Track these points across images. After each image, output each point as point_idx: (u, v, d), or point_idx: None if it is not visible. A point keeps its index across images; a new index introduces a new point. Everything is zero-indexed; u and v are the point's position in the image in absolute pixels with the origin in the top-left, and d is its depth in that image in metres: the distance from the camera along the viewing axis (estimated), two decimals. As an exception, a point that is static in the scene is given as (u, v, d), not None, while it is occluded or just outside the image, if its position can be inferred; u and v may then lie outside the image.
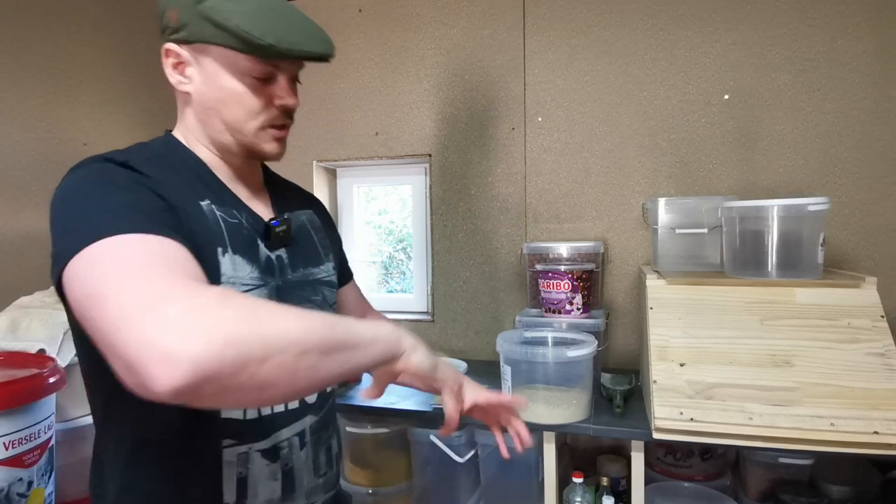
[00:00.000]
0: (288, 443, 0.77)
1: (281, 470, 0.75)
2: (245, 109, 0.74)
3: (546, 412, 1.31)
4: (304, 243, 0.86)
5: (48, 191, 1.68)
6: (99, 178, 0.63)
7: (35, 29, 1.55)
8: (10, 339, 1.24)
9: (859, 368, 1.11)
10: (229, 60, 0.71)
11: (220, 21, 0.67)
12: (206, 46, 0.71)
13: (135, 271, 0.49)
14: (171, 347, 0.42)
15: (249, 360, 0.45)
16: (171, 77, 0.75)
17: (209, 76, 0.72)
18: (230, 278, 0.70)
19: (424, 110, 2.02)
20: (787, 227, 1.28)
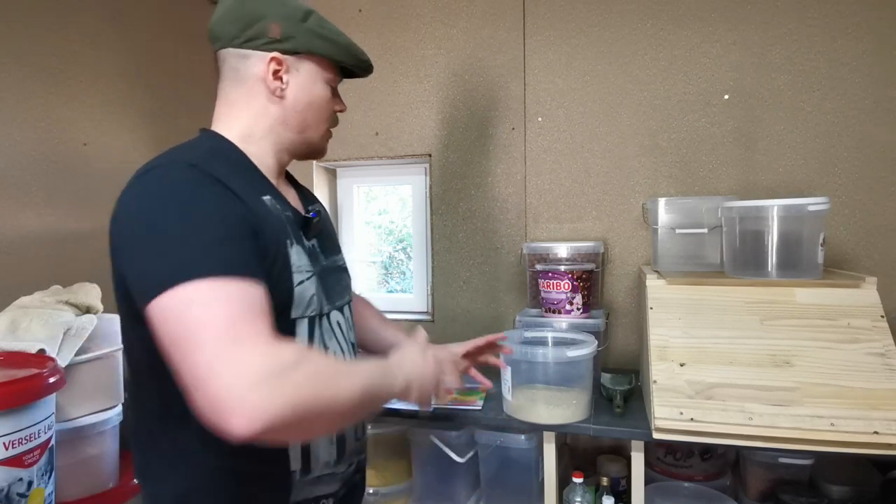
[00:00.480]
0: None
1: (336, 436, 0.85)
2: (325, 113, 0.88)
3: (546, 412, 1.31)
4: (327, 234, 0.94)
5: (48, 191, 1.67)
6: (193, 195, 0.67)
7: (35, 29, 1.55)
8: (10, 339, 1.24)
9: (859, 368, 1.11)
10: (322, 70, 0.86)
11: (329, 35, 0.84)
12: (308, 56, 0.84)
13: (226, 324, 0.58)
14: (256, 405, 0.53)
15: (307, 420, 0.58)
16: (269, 82, 0.82)
17: (305, 82, 0.84)
18: (298, 267, 0.78)
19: (424, 110, 2.02)
20: (787, 227, 1.28)
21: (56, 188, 1.60)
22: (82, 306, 1.39)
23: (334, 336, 0.85)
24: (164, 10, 1.98)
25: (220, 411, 0.54)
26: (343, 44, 0.86)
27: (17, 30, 1.51)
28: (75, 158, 1.66)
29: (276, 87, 0.82)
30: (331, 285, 0.87)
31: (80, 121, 1.67)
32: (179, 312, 0.59)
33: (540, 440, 1.39)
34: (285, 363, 0.58)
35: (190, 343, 0.57)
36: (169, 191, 0.68)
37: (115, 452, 1.44)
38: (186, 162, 0.71)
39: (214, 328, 0.57)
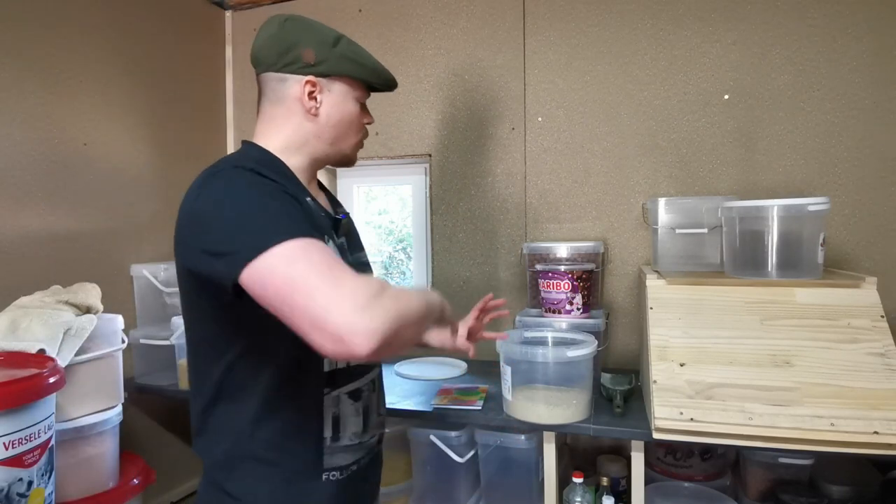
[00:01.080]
0: (367, 387, 0.97)
1: (362, 408, 0.95)
2: (355, 127, 0.98)
3: (546, 412, 1.31)
4: (352, 234, 1.06)
5: (48, 191, 1.67)
6: (252, 186, 0.78)
7: (35, 29, 1.55)
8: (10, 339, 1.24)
9: (859, 368, 1.11)
10: (352, 89, 0.95)
11: (357, 59, 0.94)
12: (340, 78, 0.94)
13: (323, 267, 0.68)
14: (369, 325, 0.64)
15: (402, 328, 0.68)
16: (305, 102, 0.92)
17: (337, 101, 0.94)
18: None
19: (424, 110, 2.02)
20: (787, 227, 1.28)
21: (56, 188, 1.60)
22: (82, 306, 1.39)
23: None
24: (165, 10, 1.98)
25: (345, 341, 0.64)
26: (370, 66, 0.96)
27: (17, 30, 1.51)
28: (75, 158, 1.66)
29: (311, 106, 0.92)
30: None
31: (80, 121, 1.68)
32: (282, 269, 0.68)
33: (540, 440, 1.39)
34: (376, 290, 0.68)
35: (301, 292, 0.66)
36: (242, 184, 0.79)
37: (115, 452, 1.44)
38: (245, 167, 0.81)
39: (318, 275, 0.67)
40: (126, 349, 1.49)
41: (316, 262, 0.68)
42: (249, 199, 0.76)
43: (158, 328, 1.76)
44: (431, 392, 1.57)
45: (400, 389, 1.62)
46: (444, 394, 1.53)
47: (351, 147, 1.01)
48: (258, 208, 0.75)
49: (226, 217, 0.75)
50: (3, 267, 1.46)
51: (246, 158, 0.87)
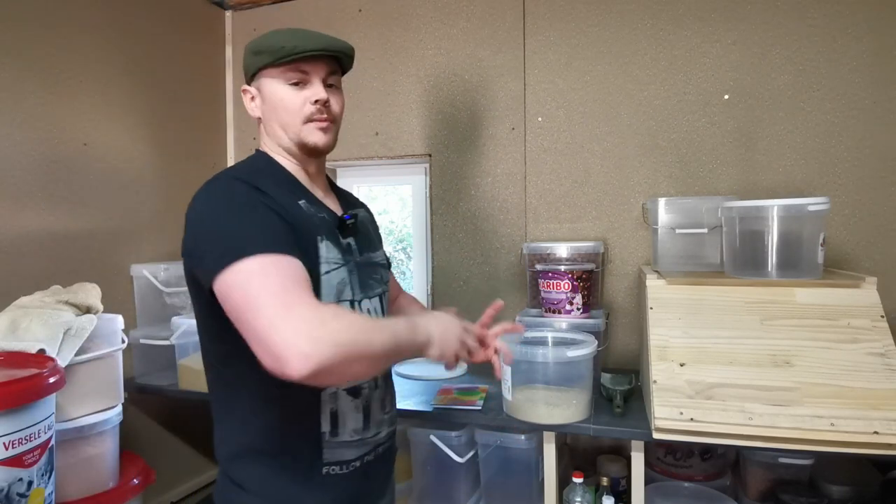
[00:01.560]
0: (368, 384, 0.98)
1: (362, 405, 0.96)
2: (289, 110, 0.94)
3: (546, 412, 1.31)
4: (365, 233, 1.07)
5: (48, 191, 1.67)
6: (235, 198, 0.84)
7: (35, 29, 1.55)
8: (10, 339, 1.24)
9: (859, 368, 1.11)
10: (272, 77, 0.95)
11: (256, 49, 0.95)
12: (259, 76, 0.96)
13: (277, 288, 0.72)
14: (306, 350, 0.67)
15: (347, 363, 0.71)
16: (248, 109, 1.00)
17: (264, 95, 0.96)
18: (325, 259, 0.91)
19: (424, 110, 2.02)
20: (787, 227, 1.28)
21: (56, 188, 1.60)
22: (82, 306, 1.39)
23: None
24: (165, 10, 1.98)
25: (280, 361, 0.67)
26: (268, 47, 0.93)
27: (17, 30, 1.51)
28: (75, 158, 1.66)
29: (251, 109, 1.00)
30: (364, 277, 1.00)
31: (80, 121, 1.67)
32: (240, 284, 0.73)
33: (540, 440, 1.39)
34: (326, 318, 0.70)
35: (252, 308, 0.71)
36: (224, 195, 0.85)
37: (115, 452, 1.44)
38: (234, 177, 0.88)
39: (270, 295, 0.71)
40: (126, 349, 1.49)
41: (272, 281, 0.72)
42: (227, 210, 0.82)
43: (158, 328, 1.76)
44: (431, 392, 1.57)
45: (400, 389, 1.62)
46: (444, 394, 1.53)
47: (298, 127, 0.95)
48: (231, 221, 0.80)
49: (205, 227, 0.82)
50: (3, 267, 1.46)
51: (244, 167, 0.96)
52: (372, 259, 1.06)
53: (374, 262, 1.06)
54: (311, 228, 0.91)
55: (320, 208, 0.97)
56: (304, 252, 0.84)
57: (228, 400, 0.93)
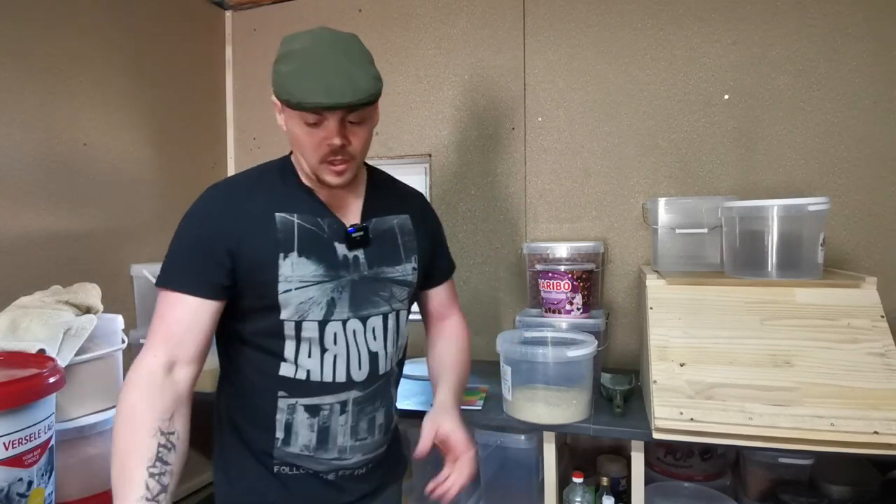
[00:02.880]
0: (329, 407, 0.95)
1: (318, 425, 0.95)
2: (304, 148, 0.89)
3: (546, 412, 1.31)
4: (385, 245, 1.00)
5: (48, 191, 1.67)
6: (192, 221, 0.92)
7: (35, 29, 1.55)
8: (10, 339, 1.24)
9: (859, 368, 1.11)
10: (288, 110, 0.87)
11: (274, 80, 0.86)
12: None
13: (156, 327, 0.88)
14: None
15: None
16: (278, 119, 0.94)
17: (286, 121, 0.91)
18: (286, 277, 0.90)
19: (424, 110, 2.02)
20: (787, 227, 1.28)
21: (56, 188, 1.60)
22: (82, 306, 1.39)
23: (345, 341, 0.95)
24: (165, 10, 1.98)
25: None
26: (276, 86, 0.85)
27: (18, 30, 1.51)
28: (75, 158, 1.66)
29: (280, 123, 0.93)
30: (364, 293, 0.96)
31: (80, 121, 1.67)
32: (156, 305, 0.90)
33: (540, 440, 1.39)
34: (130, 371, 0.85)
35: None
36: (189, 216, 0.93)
37: (115, 452, 1.43)
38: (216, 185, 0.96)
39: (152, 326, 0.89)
40: (126, 349, 1.49)
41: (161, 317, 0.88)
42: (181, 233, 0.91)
43: (158, 328, 1.75)
44: (431, 392, 1.56)
45: (400, 389, 1.61)
46: (444, 394, 1.53)
47: (314, 166, 0.90)
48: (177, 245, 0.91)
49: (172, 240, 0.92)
50: (3, 267, 1.46)
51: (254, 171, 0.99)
52: (384, 274, 0.98)
53: (385, 278, 0.98)
54: (271, 247, 0.90)
55: (320, 219, 0.94)
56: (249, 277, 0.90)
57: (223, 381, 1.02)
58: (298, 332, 0.92)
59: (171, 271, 0.89)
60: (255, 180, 0.96)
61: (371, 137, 0.95)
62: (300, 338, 0.92)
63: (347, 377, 0.95)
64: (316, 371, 0.93)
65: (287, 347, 0.92)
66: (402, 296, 1.02)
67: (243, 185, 0.96)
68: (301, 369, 0.93)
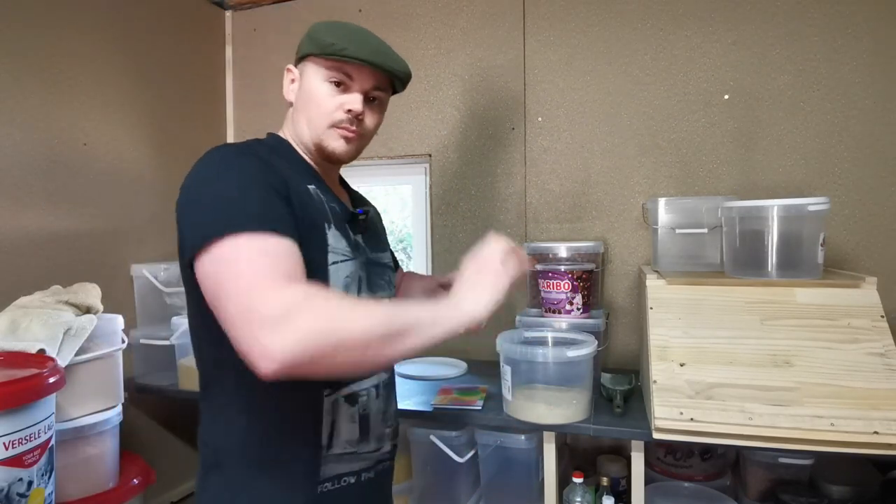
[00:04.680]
0: (367, 392, 0.92)
1: (358, 414, 0.89)
2: (321, 108, 0.89)
3: (546, 412, 1.31)
4: (374, 233, 1.04)
5: (48, 191, 1.67)
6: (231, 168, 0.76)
7: (35, 29, 1.55)
8: (10, 339, 1.24)
9: (859, 368, 1.11)
10: (316, 68, 0.90)
11: (312, 34, 0.90)
12: (306, 61, 0.91)
13: (247, 275, 0.65)
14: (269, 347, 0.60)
15: (324, 355, 0.62)
16: (285, 90, 0.95)
17: (304, 82, 0.91)
18: (333, 248, 0.85)
19: (424, 110, 2.02)
20: (787, 227, 1.28)
21: (56, 188, 1.60)
22: (82, 306, 1.39)
23: None
24: (165, 10, 1.98)
25: (249, 357, 0.62)
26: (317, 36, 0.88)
27: (18, 30, 1.51)
28: (75, 158, 1.66)
29: (287, 91, 0.95)
30: (373, 277, 0.95)
31: (80, 121, 1.67)
32: (215, 269, 0.67)
33: (540, 440, 1.39)
34: (295, 300, 0.63)
35: (221, 297, 0.66)
36: (218, 160, 0.78)
37: (115, 452, 1.43)
38: (243, 148, 0.83)
39: (237, 283, 0.65)
40: (126, 349, 1.49)
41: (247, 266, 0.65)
42: (215, 175, 0.75)
43: (158, 328, 1.76)
44: (431, 392, 1.57)
45: (400, 389, 1.61)
46: (444, 394, 1.53)
47: (322, 129, 0.89)
48: (223, 186, 0.73)
49: (192, 196, 0.75)
50: (3, 267, 1.46)
51: (253, 142, 0.89)
52: (381, 259, 1.01)
53: (382, 263, 1.01)
54: (317, 215, 0.84)
55: (331, 198, 0.91)
56: (306, 239, 0.77)
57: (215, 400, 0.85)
58: None
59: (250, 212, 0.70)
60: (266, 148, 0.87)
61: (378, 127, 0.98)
62: None
63: None
64: None
65: None
66: (394, 280, 1.07)
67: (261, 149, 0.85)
68: None
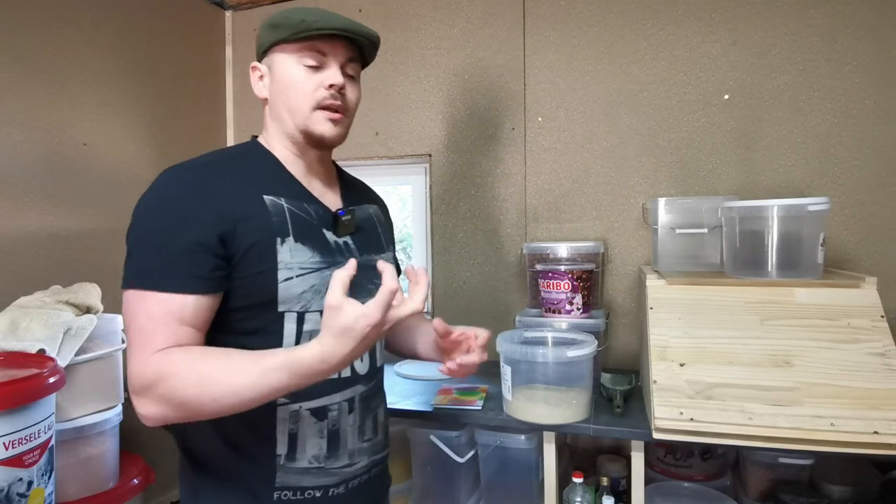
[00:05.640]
0: (338, 406, 0.88)
1: (327, 429, 0.87)
2: (300, 92, 0.87)
3: (546, 412, 1.31)
4: (368, 232, 0.99)
5: (48, 191, 1.67)
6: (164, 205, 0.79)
7: (35, 29, 1.55)
8: (10, 339, 1.24)
9: (859, 368, 1.11)
10: (286, 54, 0.87)
11: (273, 23, 0.88)
12: (272, 52, 0.89)
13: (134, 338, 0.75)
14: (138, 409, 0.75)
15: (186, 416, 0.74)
16: (255, 88, 0.93)
17: (275, 73, 0.89)
18: (286, 263, 0.82)
19: (424, 110, 2.02)
20: (787, 227, 1.28)
21: (56, 188, 1.60)
22: (82, 306, 1.39)
23: None
24: (165, 10, 1.98)
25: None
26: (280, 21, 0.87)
27: (18, 30, 1.51)
28: (75, 158, 1.66)
29: (258, 89, 0.92)
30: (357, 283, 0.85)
31: (80, 121, 1.67)
32: (124, 312, 0.77)
33: (540, 440, 1.39)
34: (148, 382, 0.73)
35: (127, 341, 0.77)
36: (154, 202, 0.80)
37: (115, 452, 1.43)
38: (188, 167, 0.83)
39: (129, 339, 0.76)
40: (126, 349, 1.49)
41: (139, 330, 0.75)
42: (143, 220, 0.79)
43: (158, 328, 1.75)
44: (431, 392, 1.57)
45: (400, 389, 1.62)
46: (444, 394, 1.53)
47: (307, 113, 0.87)
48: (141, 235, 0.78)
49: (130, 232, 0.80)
50: (3, 267, 1.46)
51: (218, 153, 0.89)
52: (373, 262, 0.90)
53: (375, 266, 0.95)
54: (267, 230, 0.82)
55: (306, 204, 0.88)
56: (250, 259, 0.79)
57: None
58: (301, 324, 0.84)
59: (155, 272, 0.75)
60: (229, 160, 0.87)
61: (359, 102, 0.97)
62: (301, 332, 0.84)
63: (352, 371, 0.90)
64: None
65: (286, 345, 0.83)
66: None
67: (219, 162, 0.85)
68: None
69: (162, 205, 0.78)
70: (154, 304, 0.75)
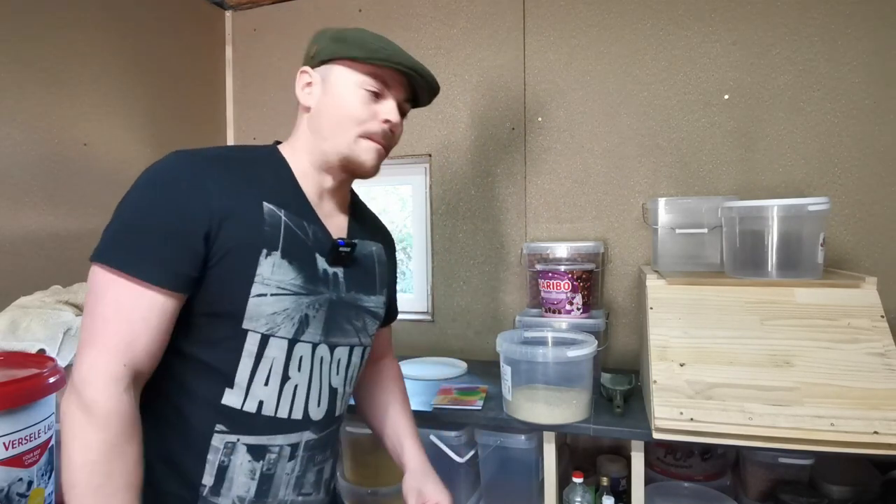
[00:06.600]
0: (278, 449, 0.80)
1: (261, 471, 0.79)
2: (351, 116, 0.83)
3: (546, 412, 1.31)
4: (364, 269, 0.93)
5: (48, 191, 1.67)
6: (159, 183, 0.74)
7: (35, 29, 1.55)
8: (10, 339, 1.24)
9: (859, 368, 1.11)
10: (349, 72, 0.83)
11: (340, 37, 0.84)
12: (331, 64, 0.84)
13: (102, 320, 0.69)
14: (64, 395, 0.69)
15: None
16: (300, 94, 0.87)
17: (330, 87, 0.84)
18: (265, 279, 0.77)
19: (424, 110, 2.02)
20: (786, 227, 1.28)
21: (56, 188, 1.60)
22: (82, 306, 1.39)
23: (310, 370, 0.82)
24: (165, 10, 1.98)
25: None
26: (357, 40, 0.83)
27: (18, 30, 1.50)
28: (75, 158, 1.66)
29: (303, 96, 0.87)
30: (336, 319, 0.85)
31: (80, 121, 1.67)
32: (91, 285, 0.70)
33: (540, 440, 1.39)
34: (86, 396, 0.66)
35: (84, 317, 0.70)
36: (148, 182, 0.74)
37: (115, 452, 1.43)
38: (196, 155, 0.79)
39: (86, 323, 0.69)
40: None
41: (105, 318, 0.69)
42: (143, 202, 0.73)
43: (158, 328, 1.75)
44: (431, 392, 1.57)
45: (400, 389, 1.62)
46: (444, 394, 1.53)
47: (352, 139, 0.83)
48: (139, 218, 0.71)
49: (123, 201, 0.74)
50: (3, 267, 1.46)
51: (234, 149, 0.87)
52: (360, 301, 0.90)
53: (360, 306, 0.90)
54: (255, 239, 0.76)
55: (307, 224, 0.83)
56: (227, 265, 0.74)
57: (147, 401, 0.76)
58: (262, 349, 0.77)
59: (132, 251, 0.69)
60: (241, 158, 0.82)
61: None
62: (261, 356, 0.77)
63: (305, 414, 0.82)
64: (271, 403, 0.78)
65: (241, 368, 0.76)
66: (372, 329, 0.94)
67: (229, 159, 0.81)
68: (252, 399, 0.77)
69: (157, 184, 0.74)
70: (125, 294, 0.69)
